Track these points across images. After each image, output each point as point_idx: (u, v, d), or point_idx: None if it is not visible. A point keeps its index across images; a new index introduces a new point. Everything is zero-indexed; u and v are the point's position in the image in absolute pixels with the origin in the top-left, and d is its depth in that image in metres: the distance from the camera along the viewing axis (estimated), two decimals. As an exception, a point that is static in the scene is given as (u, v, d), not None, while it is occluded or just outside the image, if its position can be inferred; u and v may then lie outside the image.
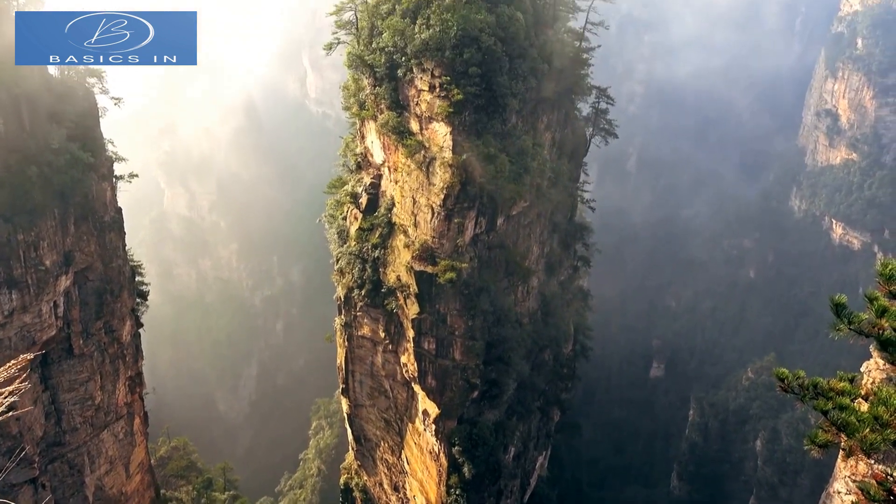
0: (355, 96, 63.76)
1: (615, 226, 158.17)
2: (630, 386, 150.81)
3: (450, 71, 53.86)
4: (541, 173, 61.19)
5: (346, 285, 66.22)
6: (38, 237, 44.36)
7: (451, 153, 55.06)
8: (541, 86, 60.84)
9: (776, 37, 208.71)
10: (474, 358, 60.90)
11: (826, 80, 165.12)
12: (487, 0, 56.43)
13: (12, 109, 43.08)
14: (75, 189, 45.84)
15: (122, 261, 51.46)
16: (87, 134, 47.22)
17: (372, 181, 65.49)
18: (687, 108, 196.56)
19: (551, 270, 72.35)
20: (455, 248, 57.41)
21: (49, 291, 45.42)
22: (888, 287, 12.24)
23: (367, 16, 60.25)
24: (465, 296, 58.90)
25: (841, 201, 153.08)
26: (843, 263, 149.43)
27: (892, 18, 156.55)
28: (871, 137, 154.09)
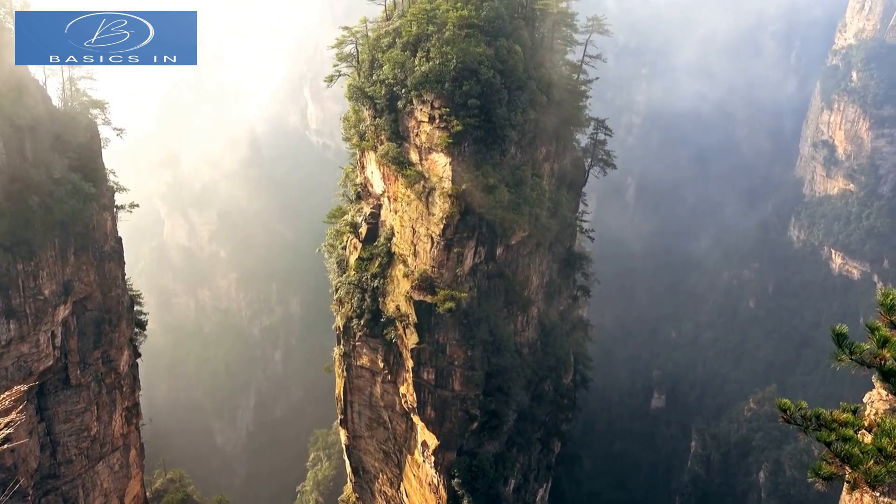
0: (356, 127, 64.33)
1: (614, 256, 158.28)
2: (631, 417, 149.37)
3: (449, 103, 54.41)
4: (540, 203, 61.41)
5: (346, 315, 66.02)
6: (37, 267, 44.35)
7: (450, 183, 55.34)
8: (539, 117, 61.42)
9: (772, 69, 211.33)
10: (474, 388, 60.44)
11: (822, 112, 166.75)
12: (486, 33, 57.25)
13: (15, 139, 43.42)
14: (76, 219, 45.98)
15: (122, 290, 51.40)
16: (88, 164, 47.56)
17: (372, 211, 65.72)
18: (684, 139, 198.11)
19: (551, 300, 72.20)
20: (454, 278, 57.38)
21: (47, 321, 45.25)
22: (889, 317, 12.22)
23: (367, 49, 61.09)
24: (465, 325, 58.68)
25: (840, 231, 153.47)
26: (843, 293, 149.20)
27: (885, 52, 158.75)
28: (868, 168, 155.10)
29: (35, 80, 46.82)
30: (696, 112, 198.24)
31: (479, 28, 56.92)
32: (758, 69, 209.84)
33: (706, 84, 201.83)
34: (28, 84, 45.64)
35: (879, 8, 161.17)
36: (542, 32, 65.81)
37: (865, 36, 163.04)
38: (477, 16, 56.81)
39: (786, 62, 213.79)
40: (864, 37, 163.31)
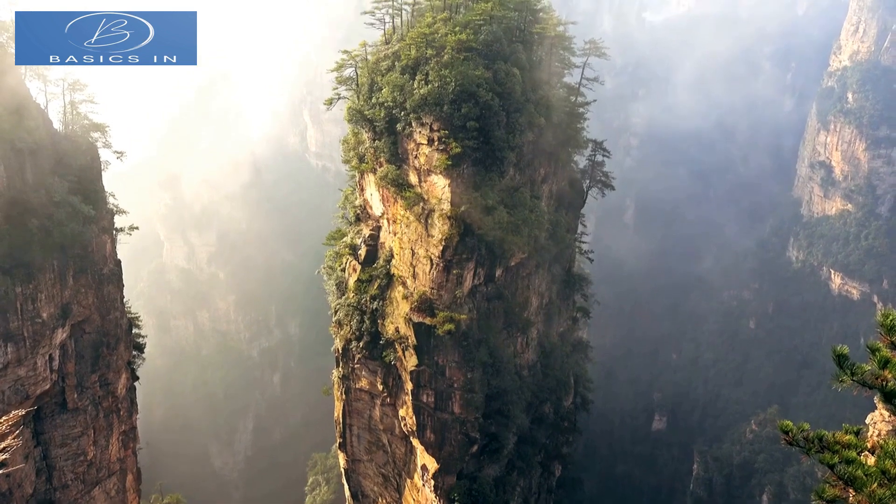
0: (355, 150, 64.65)
1: (614, 277, 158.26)
2: (632, 439, 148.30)
3: (448, 125, 54.75)
4: (539, 225, 61.53)
5: (345, 337, 65.80)
6: (36, 290, 44.27)
7: (449, 205, 55.49)
8: (538, 139, 61.79)
9: (769, 90, 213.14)
10: (473, 411, 60.06)
11: (819, 133, 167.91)
12: (485, 57, 57.78)
13: (16, 163, 43.59)
14: (75, 241, 46.01)
15: (120, 313, 51.26)
16: (88, 187, 47.70)
17: (371, 233, 65.81)
18: (682, 161, 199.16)
19: (550, 321, 72.04)
20: (454, 300, 57.28)
21: (45, 344, 45.07)
22: (889, 338, 12.19)
23: (366, 72, 61.60)
24: (464, 347, 58.46)
25: (838, 251, 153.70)
26: (843, 314, 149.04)
27: (880, 73, 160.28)
28: (866, 188, 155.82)
29: (37, 104, 47.15)
30: (693, 133, 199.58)
31: (478, 51, 57.47)
32: (754, 90, 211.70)
33: (703, 105, 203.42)
34: (30, 107, 45.94)
35: (873, 31, 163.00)
36: (539, 55, 66.44)
37: (860, 58, 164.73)
38: (475, 39, 57.37)
39: (782, 83, 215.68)
40: (858, 59, 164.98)
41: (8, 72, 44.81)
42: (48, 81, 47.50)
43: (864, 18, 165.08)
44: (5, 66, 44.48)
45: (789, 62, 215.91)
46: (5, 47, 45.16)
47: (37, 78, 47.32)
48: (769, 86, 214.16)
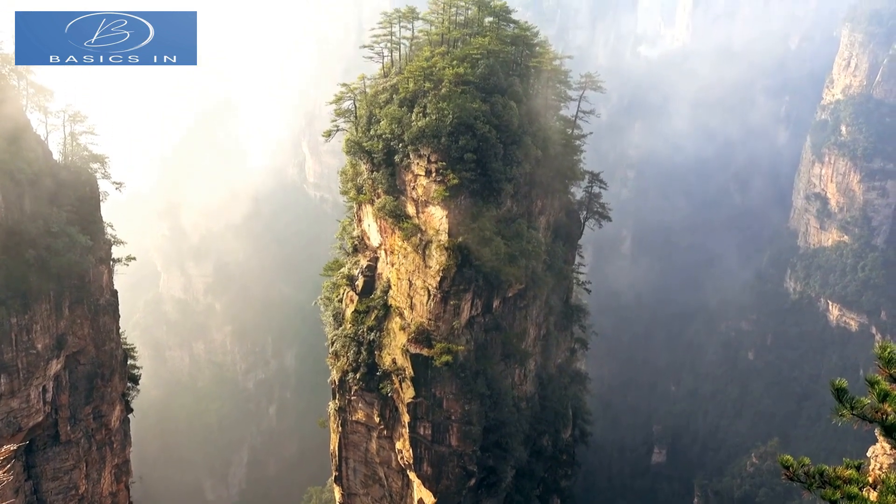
0: (353, 181, 64.99)
1: (612, 308, 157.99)
2: (632, 473, 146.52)
3: (446, 157, 55.14)
4: (536, 256, 61.60)
5: (341, 368, 65.34)
6: (31, 320, 44.04)
7: (447, 236, 55.61)
8: (535, 171, 62.21)
9: (764, 123, 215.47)
10: (471, 444, 59.42)
11: (813, 165, 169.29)
12: (482, 90, 58.45)
13: (14, 193, 43.72)
14: (72, 272, 45.91)
15: (115, 344, 50.93)
16: (87, 217, 47.76)
17: (368, 263, 65.81)
18: (679, 192, 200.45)
19: (548, 353, 71.67)
20: (451, 331, 57.07)
21: (39, 376, 44.68)
22: (888, 370, 12.13)
23: (365, 104, 62.23)
24: (462, 379, 58.06)
25: (836, 283, 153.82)
26: (841, 345, 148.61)
27: (873, 106, 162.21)
28: (861, 220, 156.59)
29: (37, 135, 47.48)
30: (689, 165, 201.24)
31: (475, 85, 58.15)
32: (749, 123, 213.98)
33: (699, 138, 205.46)
34: (29, 138, 46.24)
35: (865, 65, 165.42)
36: (536, 89, 67.25)
37: (853, 91, 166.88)
38: (472, 73, 58.11)
39: (776, 116, 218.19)
40: (851, 92, 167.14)
41: (9, 103, 45.21)
42: (49, 113, 47.94)
43: (856, 53, 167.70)
44: (6, 97, 44.90)
45: (783, 95, 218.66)
46: (7, 78, 45.65)
47: (38, 109, 47.74)
48: (764, 119, 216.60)
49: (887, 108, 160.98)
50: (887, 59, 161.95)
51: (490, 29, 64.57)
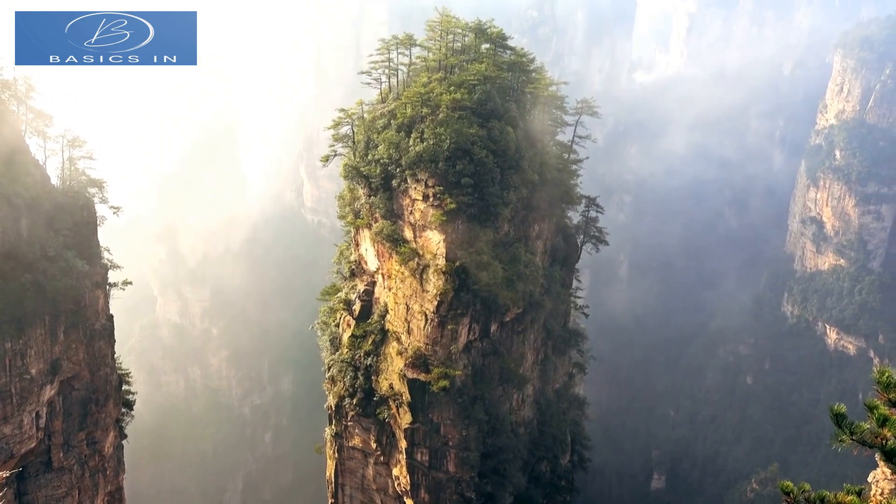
0: (350, 205, 65.15)
1: (609, 332, 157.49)
2: (632, 499, 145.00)
3: (443, 181, 55.36)
4: (533, 280, 61.57)
5: (338, 394, 64.87)
6: (26, 345, 43.74)
7: (444, 260, 55.62)
8: (532, 195, 62.42)
9: (759, 148, 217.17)
10: (469, 470, 58.81)
11: (808, 189, 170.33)
12: (479, 115, 58.88)
13: (11, 218, 43.69)
14: (68, 296, 45.72)
15: (110, 369, 50.56)
16: (84, 242, 47.70)
17: (366, 288, 65.69)
18: (675, 216, 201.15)
19: (546, 378, 71.29)
20: (448, 355, 56.81)
21: (32, 401, 44.26)
22: (887, 395, 12.10)
23: (363, 130, 62.62)
24: (459, 404, 57.66)
25: (833, 306, 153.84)
26: (840, 369, 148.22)
27: (866, 131, 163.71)
28: (857, 244, 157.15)
29: (35, 160, 47.62)
30: (685, 189, 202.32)
31: (472, 110, 58.59)
32: (744, 148, 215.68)
33: (694, 162, 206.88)
34: (28, 163, 46.37)
35: (857, 90, 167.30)
36: (532, 114, 67.77)
37: (846, 116, 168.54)
38: (469, 98, 58.59)
39: (771, 141, 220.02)
40: (844, 117, 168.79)
41: (8, 128, 45.42)
42: (48, 138, 48.13)
43: (848, 79, 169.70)
44: (5, 123, 45.12)
45: (777, 120, 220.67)
46: (6, 104, 45.91)
47: (37, 134, 47.94)
48: (759, 143, 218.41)
49: (880, 132, 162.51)
50: (879, 85, 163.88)
51: (487, 55, 65.29)
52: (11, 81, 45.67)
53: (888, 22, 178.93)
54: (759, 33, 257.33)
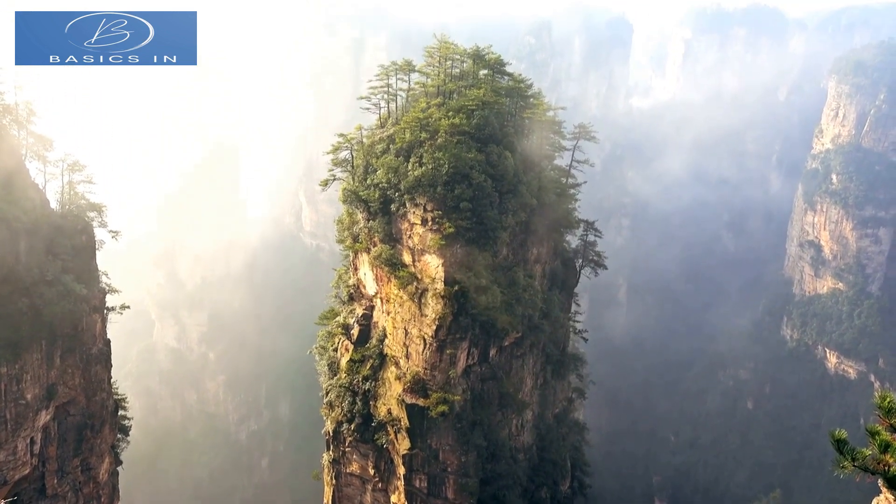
0: (349, 230, 65.20)
1: (609, 356, 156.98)
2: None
3: (442, 205, 55.49)
4: (532, 304, 61.45)
5: (336, 419, 64.32)
6: (21, 370, 43.44)
7: (443, 284, 55.53)
8: (530, 219, 62.56)
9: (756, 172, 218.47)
10: (468, 497, 58.12)
11: (806, 213, 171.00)
12: (477, 140, 59.23)
13: (10, 242, 43.67)
14: (65, 321, 45.53)
15: (107, 394, 50.18)
16: (82, 266, 47.63)
17: (364, 312, 65.48)
18: (673, 240, 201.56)
19: (546, 403, 70.78)
20: (447, 380, 56.46)
21: (27, 427, 43.86)
22: (888, 420, 12.02)
23: (362, 154, 62.93)
24: (458, 430, 57.17)
25: (832, 330, 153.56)
26: (841, 393, 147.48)
27: (862, 155, 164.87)
28: (855, 267, 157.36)
29: (35, 184, 47.75)
30: (682, 213, 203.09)
31: (470, 135, 58.94)
32: (741, 172, 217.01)
33: (691, 186, 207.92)
34: (27, 187, 46.48)
35: (853, 115, 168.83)
36: (530, 139, 68.17)
37: (841, 141, 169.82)
38: (468, 123, 58.97)
39: (768, 164, 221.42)
40: (840, 142, 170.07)
41: (8, 153, 45.62)
42: (48, 162, 48.31)
43: (843, 104, 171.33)
44: (6, 147, 45.32)
45: (773, 145, 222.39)
46: (7, 128, 46.16)
47: (37, 158, 48.13)
48: (755, 167, 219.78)
49: (876, 157, 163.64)
50: (874, 110, 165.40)
51: (485, 81, 65.86)
52: (13, 106, 45.99)
53: (881, 48, 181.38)
54: (754, 59, 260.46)
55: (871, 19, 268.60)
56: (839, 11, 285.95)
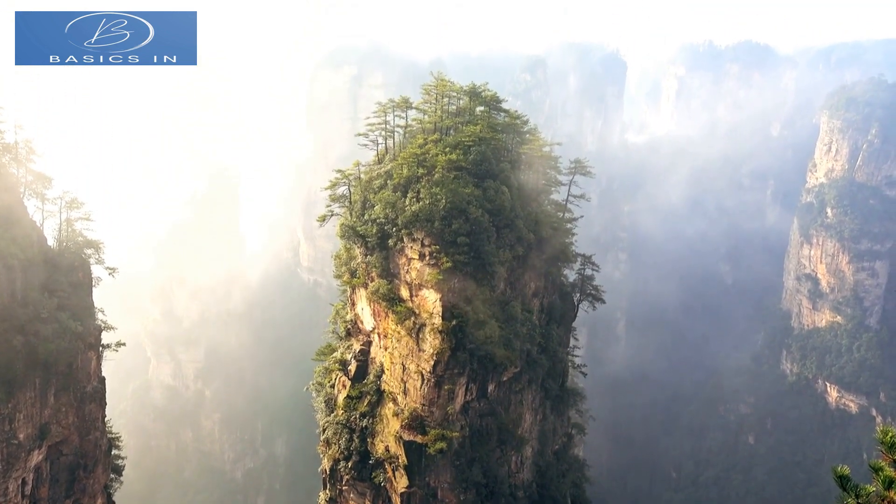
0: (347, 265, 65.18)
1: (608, 391, 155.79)
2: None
3: (439, 240, 55.58)
4: (530, 338, 61.17)
5: (333, 457, 63.41)
6: (14, 409, 42.90)
7: (440, 319, 55.30)
8: (528, 254, 62.64)
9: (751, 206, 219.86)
10: (467, 536, 57.01)
11: (802, 246, 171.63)
12: (474, 175, 59.66)
13: (6, 280, 43.54)
14: (60, 358, 45.13)
15: (100, 433, 49.48)
16: (78, 303, 47.41)
17: (361, 348, 65.06)
18: (671, 274, 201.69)
19: (545, 439, 69.94)
20: (445, 416, 55.85)
21: (19, 468, 43.13)
22: (891, 456, 11.88)
23: (360, 190, 63.26)
24: (457, 467, 56.37)
25: (832, 364, 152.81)
26: (843, 428, 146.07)
27: (856, 189, 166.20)
28: (853, 301, 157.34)
29: (32, 221, 47.80)
30: (680, 247, 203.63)
31: (467, 170, 59.40)
32: (737, 206, 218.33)
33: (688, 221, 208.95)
34: (25, 225, 46.52)
35: (845, 150, 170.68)
36: (527, 174, 68.67)
37: (835, 175, 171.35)
38: (465, 159, 59.46)
39: (762, 199, 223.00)
40: (834, 176, 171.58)
41: (7, 190, 45.77)
42: (46, 199, 48.45)
43: (836, 139, 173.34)
44: (5, 185, 45.50)
45: (768, 178, 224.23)
46: (6, 167, 46.40)
47: (35, 196, 48.27)
48: (751, 201, 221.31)
49: (870, 191, 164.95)
50: (866, 145, 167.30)
51: (481, 117, 66.60)
52: (13, 145, 46.29)
53: (871, 84, 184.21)
54: (747, 94, 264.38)
55: (861, 56, 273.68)
56: (829, 48, 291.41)
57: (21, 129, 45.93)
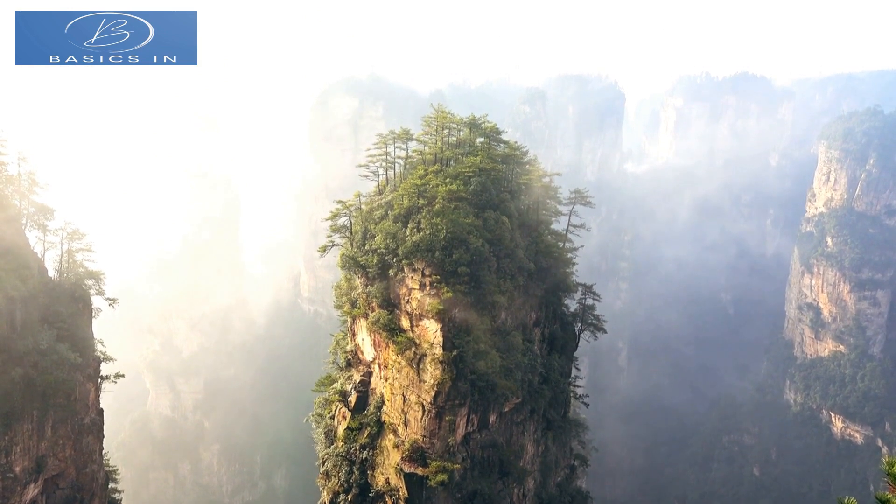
0: (347, 295, 65.09)
1: (611, 422, 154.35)
2: None
3: (440, 270, 55.60)
4: (532, 369, 60.82)
5: (332, 490, 62.59)
6: (11, 442, 42.48)
7: (441, 349, 55.05)
8: (528, 283, 62.60)
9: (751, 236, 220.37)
10: (469, 572, 55.99)
11: (803, 276, 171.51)
12: (474, 205, 59.91)
13: (6, 311, 43.45)
14: (58, 390, 44.81)
15: (98, 466, 48.92)
16: (77, 334, 47.23)
17: (362, 378, 64.64)
18: (672, 303, 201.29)
19: (547, 470, 69.09)
20: (446, 448, 55.25)
21: (14, 502, 42.54)
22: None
23: (360, 221, 63.49)
24: (458, 500, 55.59)
25: (836, 393, 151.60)
26: (848, 458, 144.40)
27: (855, 219, 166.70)
28: (856, 330, 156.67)
29: (33, 253, 47.87)
30: (681, 276, 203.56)
31: (468, 201, 59.67)
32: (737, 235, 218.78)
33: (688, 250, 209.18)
34: (26, 256, 46.57)
35: (844, 180, 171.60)
36: (527, 204, 68.99)
37: (834, 204, 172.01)
38: (465, 189, 59.78)
39: (762, 228, 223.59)
40: (833, 205, 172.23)
41: (8, 221, 45.94)
42: (48, 231, 48.57)
43: (834, 169, 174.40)
44: (7, 217, 45.68)
45: (767, 208, 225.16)
46: (9, 199, 46.63)
47: (37, 227, 48.41)
48: (751, 231, 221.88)
49: (869, 220, 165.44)
50: (864, 174, 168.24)
51: (481, 148, 67.13)
52: (16, 177, 46.58)
53: (867, 115, 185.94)
54: (745, 125, 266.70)
55: (857, 87, 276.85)
56: (826, 80, 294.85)
57: (24, 162, 46.28)
